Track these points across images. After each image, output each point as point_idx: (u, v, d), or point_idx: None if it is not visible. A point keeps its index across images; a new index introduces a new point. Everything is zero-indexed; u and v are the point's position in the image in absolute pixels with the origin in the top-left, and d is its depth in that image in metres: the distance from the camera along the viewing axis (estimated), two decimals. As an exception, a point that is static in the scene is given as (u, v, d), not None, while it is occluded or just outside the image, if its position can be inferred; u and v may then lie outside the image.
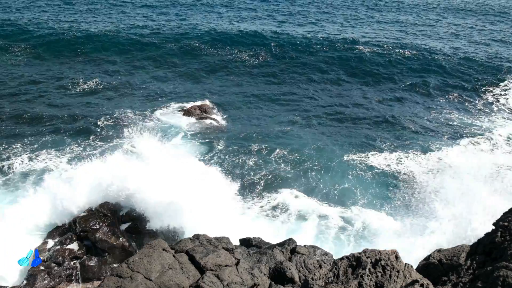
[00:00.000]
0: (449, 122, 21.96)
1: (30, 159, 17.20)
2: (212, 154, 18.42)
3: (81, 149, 18.25)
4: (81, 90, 24.71)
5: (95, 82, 25.63)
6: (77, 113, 21.50)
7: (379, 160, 18.14)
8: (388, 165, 17.75)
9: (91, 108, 22.27)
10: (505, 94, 24.98)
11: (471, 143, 19.77)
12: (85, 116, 21.23)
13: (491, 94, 25.08)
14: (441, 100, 24.39)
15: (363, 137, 20.18)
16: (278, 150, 18.58)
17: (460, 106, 23.79)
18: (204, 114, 21.56)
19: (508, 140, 20.15)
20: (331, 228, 14.14)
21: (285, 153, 18.38)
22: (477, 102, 24.29)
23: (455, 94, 25.11)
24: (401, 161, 18.10)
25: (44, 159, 17.30)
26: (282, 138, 19.86)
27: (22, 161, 16.95)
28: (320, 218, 14.56)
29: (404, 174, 17.12)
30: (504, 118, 22.54)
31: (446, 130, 21.00)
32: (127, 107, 22.30)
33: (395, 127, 21.29)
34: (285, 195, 15.65)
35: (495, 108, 23.57)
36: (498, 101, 24.37)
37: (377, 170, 17.31)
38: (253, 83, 26.37)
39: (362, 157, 18.33)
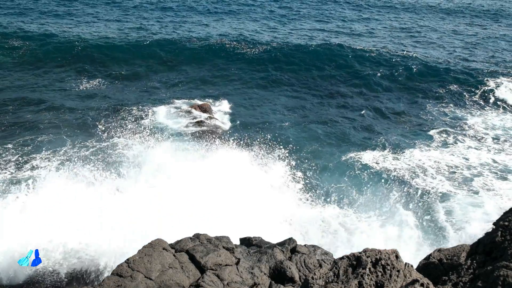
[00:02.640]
0: (440, 121, 22.10)
1: (18, 167, 16.42)
2: (211, 154, 18.40)
3: (72, 155, 17.59)
4: (84, 88, 24.75)
5: (98, 82, 25.66)
6: (77, 114, 21.47)
7: (373, 159, 18.19)
8: (377, 163, 17.85)
9: (92, 108, 22.26)
10: (495, 93, 24.99)
11: (459, 141, 19.86)
12: (85, 117, 21.20)
13: (483, 93, 25.11)
14: (433, 100, 24.48)
15: (359, 137, 20.23)
16: (277, 150, 18.58)
17: (451, 105, 23.90)
18: (204, 113, 21.55)
19: (497, 139, 20.21)
20: (329, 229, 14.14)
21: (285, 154, 18.38)
22: (468, 101, 24.41)
23: (446, 94, 25.15)
24: (389, 159, 18.15)
25: (31, 167, 16.47)
26: (282, 137, 19.88)
27: (6, 168, 16.21)
28: (319, 218, 14.57)
29: (395, 173, 17.14)
30: (497, 116, 22.64)
31: (436, 129, 21.12)
32: (127, 107, 22.32)
33: (387, 126, 21.45)
34: (283, 196, 15.65)
35: (486, 108, 23.66)
36: (489, 100, 24.47)
37: (372, 170, 17.33)
38: (253, 83, 26.40)
39: (358, 156, 18.37)
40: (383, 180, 16.60)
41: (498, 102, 24.15)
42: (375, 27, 38.32)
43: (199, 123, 20.68)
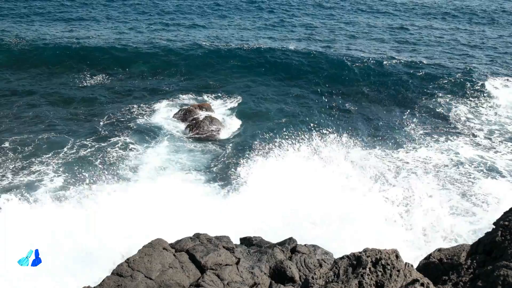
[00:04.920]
0: (430, 119, 22.11)
1: (15, 172, 16.04)
2: (211, 155, 18.42)
3: (72, 155, 17.79)
4: (88, 84, 24.78)
5: (99, 82, 25.68)
6: (77, 113, 21.49)
7: (360, 156, 18.18)
8: (366, 161, 17.81)
9: (92, 107, 22.28)
10: (486, 92, 24.91)
11: (449, 139, 19.91)
12: (85, 116, 21.22)
13: (474, 93, 24.90)
14: (423, 99, 24.37)
15: (348, 135, 20.10)
16: (276, 150, 18.53)
17: (441, 105, 23.74)
18: (204, 113, 21.55)
19: (489, 138, 20.22)
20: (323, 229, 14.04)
21: (282, 153, 18.30)
22: (459, 101, 24.24)
23: (437, 93, 24.96)
24: (380, 157, 18.20)
25: (30, 171, 16.23)
26: (278, 137, 19.86)
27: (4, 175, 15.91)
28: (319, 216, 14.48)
29: (385, 171, 17.08)
30: (488, 115, 22.69)
31: (426, 127, 21.17)
32: (127, 107, 22.34)
33: (376, 124, 21.56)
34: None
35: (478, 107, 23.62)
36: (481, 100, 24.38)
37: (361, 167, 17.23)
38: (253, 84, 26.38)
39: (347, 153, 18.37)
40: (373, 178, 16.43)
41: (489, 102, 24.05)
42: (370, 28, 38.19)
43: (200, 122, 20.66)
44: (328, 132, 20.15)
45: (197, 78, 26.83)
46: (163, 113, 21.84)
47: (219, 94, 24.59)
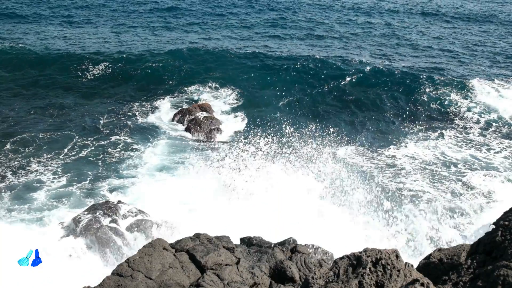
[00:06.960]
0: (421, 120, 22.15)
1: (14, 173, 15.93)
2: (212, 155, 18.41)
3: (73, 155, 17.91)
4: (88, 84, 24.78)
5: (101, 77, 25.67)
6: (79, 111, 21.48)
7: (348, 154, 18.32)
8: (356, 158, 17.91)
9: (93, 106, 22.28)
10: (476, 94, 24.95)
11: (441, 137, 20.06)
12: (86, 116, 21.20)
13: (465, 94, 24.93)
14: (414, 100, 24.32)
15: (342, 133, 20.16)
16: (275, 149, 18.50)
17: (433, 105, 23.80)
18: (204, 113, 21.55)
19: (484, 133, 20.23)
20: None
21: (279, 152, 18.25)
22: (450, 101, 24.25)
23: (427, 94, 24.86)
24: (373, 156, 18.21)
25: (30, 171, 16.06)
26: (276, 139, 19.82)
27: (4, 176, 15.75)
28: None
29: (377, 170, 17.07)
30: (478, 115, 22.75)
31: (416, 128, 21.25)
32: (126, 106, 22.32)
33: (368, 124, 21.62)
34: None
35: (468, 108, 23.67)
36: (471, 100, 24.40)
37: (352, 165, 17.27)
38: (254, 84, 26.34)
39: (337, 151, 18.45)
40: (367, 176, 16.36)
41: (483, 101, 24.07)
42: (365, 28, 38.12)
43: (200, 122, 20.67)
44: (328, 131, 20.15)
45: (197, 78, 26.80)
46: (163, 113, 21.85)
47: (219, 93, 24.60)
